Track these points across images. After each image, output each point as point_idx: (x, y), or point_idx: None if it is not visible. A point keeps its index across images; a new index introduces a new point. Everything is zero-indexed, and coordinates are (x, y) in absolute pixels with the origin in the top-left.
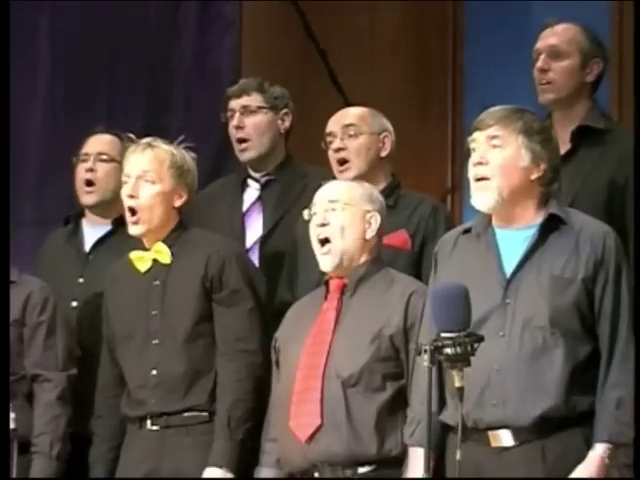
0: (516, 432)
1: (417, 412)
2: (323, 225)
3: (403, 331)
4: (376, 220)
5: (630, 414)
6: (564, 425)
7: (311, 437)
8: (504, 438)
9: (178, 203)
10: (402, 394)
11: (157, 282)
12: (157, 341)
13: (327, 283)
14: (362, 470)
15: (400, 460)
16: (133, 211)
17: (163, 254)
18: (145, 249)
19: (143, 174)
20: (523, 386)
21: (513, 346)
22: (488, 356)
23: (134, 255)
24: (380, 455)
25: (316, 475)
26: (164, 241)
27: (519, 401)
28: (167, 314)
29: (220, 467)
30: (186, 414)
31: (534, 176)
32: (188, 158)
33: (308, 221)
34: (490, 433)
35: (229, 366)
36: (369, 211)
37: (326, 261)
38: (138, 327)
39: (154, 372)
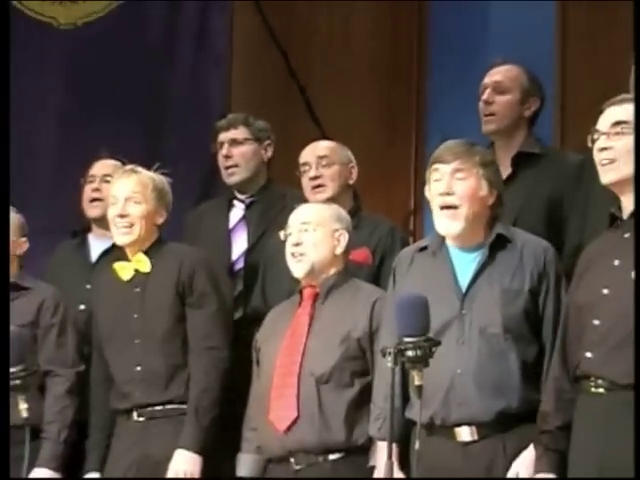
0: (479, 428)
1: (382, 409)
2: (298, 244)
3: (369, 334)
4: (344, 237)
5: None
6: (521, 420)
7: (288, 428)
8: (468, 433)
9: (160, 221)
10: (368, 390)
11: (138, 289)
12: (139, 341)
13: (301, 292)
14: (332, 457)
15: (366, 448)
16: (125, 229)
17: (143, 263)
18: (128, 260)
19: (130, 196)
20: (483, 386)
21: (472, 351)
22: (451, 361)
23: (118, 265)
24: (348, 444)
25: (292, 461)
26: (145, 252)
27: (480, 400)
28: (147, 317)
29: (188, 449)
30: (168, 406)
31: (490, 202)
32: (165, 182)
33: (283, 240)
34: (456, 429)
35: (198, 361)
36: (337, 230)
37: (298, 268)
38: (121, 329)
39: (138, 368)
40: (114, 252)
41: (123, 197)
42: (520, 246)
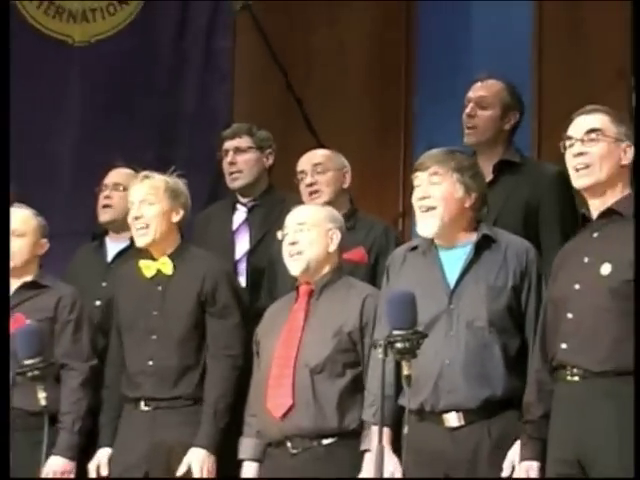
0: (465, 414)
1: (376, 396)
2: (294, 244)
3: (359, 328)
4: (337, 236)
5: None
6: (505, 407)
7: (285, 415)
8: (455, 419)
9: (176, 219)
10: (359, 379)
11: (160, 288)
12: (155, 337)
13: (297, 289)
14: (326, 441)
15: (358, 433)
16: (142, 229)
17: (166, 266)
18: (153, 259)
19: (144, 198)
20: (470, 376)
21: (460, 343)
22: (440, 352)
23: (142, 263)
24: (341, 429)
25: (289, 445)
26: (169, 255)
27: (467, 388)
28: (165, 316)
29: (204, 448)
30: (175, 402)
31: (467, 204)
32: (180, 183)
33: (281, 240)
34: (444, 415)
35: (217, 366)
36: (331, 229)
37: (295, 266)
38: (140, 322)
39: (150, 362)
40: (129, 252)
41: (138, 201)
42: (504, 246)
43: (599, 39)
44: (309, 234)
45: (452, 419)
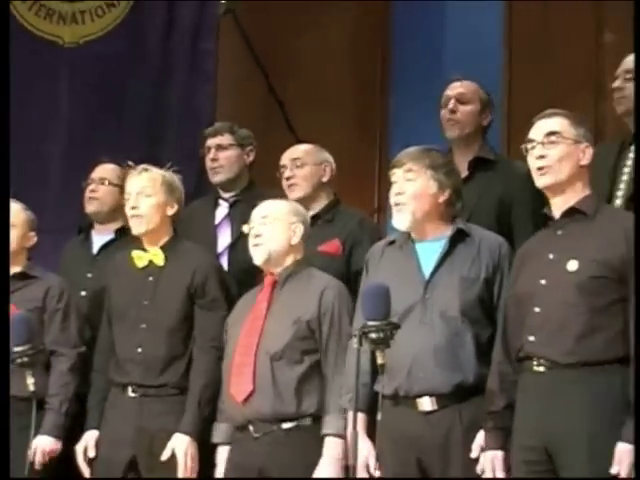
0: (438, 398)
1: (353, 384)
2: (257, 236)
3: (317, 317)
4: (300, 229)
5: None
6: (475, 392)
7: (246, 400)
8: (429, 403)
9: (170, 212)
10: (316, 366)
11: (151, 278)
12: (145, 326)
13: (264, 279)
14: (285, 426)
15: (317, 417)
16: (135, 219)
17: (158, 257)
18: (144, 250)
19: (141, 190)
20: (442, 363)
21: (433, 332)
22: (414, 340)
23: (135, 253)
24: (299, 413)
25: (251, 429)
26: (161, 247)
27: (440, 374)
28: (156, 306)
29: (187, 434)
30: (161, 390)
31: (441, 199)
32: (176, 178)
33: (247, 233)
34: (418, 400)
35: (203, 357)
36: (294, 222)
37: (257, 256)
38: (131, 311)
39: (139, 350)
40: (114, 244)
41: (135, 192)
42: (478, 240)
43: (567, 42)
44: (271, 227)
45: (425, 403)
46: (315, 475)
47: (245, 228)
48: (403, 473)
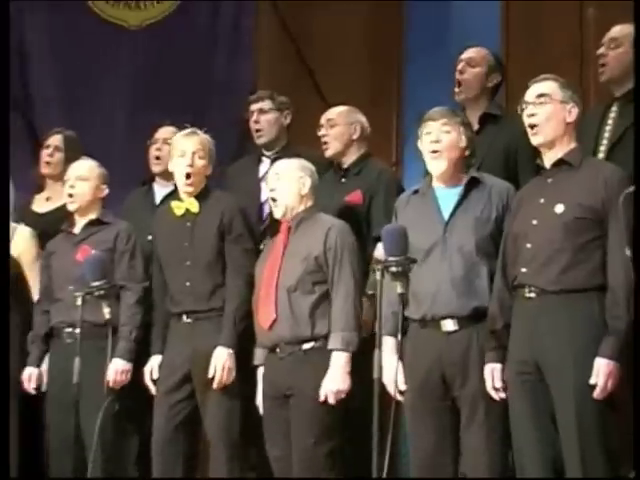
0: (459, 321)
1: (386, 313)
2: (272, 190)
3: (323, 252)
4: (307, 181)
5: None
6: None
7: (271, 326)
8: (451, 324)
9: (209, 172)
10: (326, 294)
11: (188, 224)
12: (189, 263)
13: (280, 226)
14: (304, 347)
15: (326, 337)
16: (188, 176)
17: (193, 205)
18: (181, 201)
19: (197, 151)
20: (462, 291)
21: (453, 265)
22: (437, 272)
23: (174, 204)
24: (314, 335)
25: (277, 350)
26: (196, 197)
27: (459, 300)
28: (195, 246)
29: (226, 346)
30: (210, 314)
31: (467, 152)
32: (212, 143)
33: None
34: (441, 322)
35: (234, 282)
36: (302, 177)
37: (276, 211)
38: (175, 253)
39: (188, 283)
40: (173, 195)
41: (190, 151)
42: (489, 186)
43: (554, 20)
44: (283, 182)
45: (448, 324)
46: (323, 383)
47: (265, 185)
48: (428, 384)
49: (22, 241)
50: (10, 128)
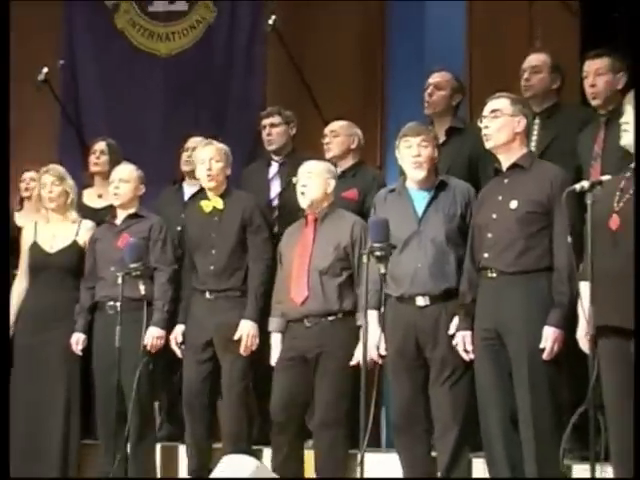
0: (431, 298)
1: (370, 289)
2: (304, 186)
3: (350, 243)
4: (332, 183)
5: None
6: (456, 294)
7: (303, 302)
8: (423, 301)
9: (228, 173)
10: (351, 277)
11: (215, 219)
12: (214, 251)
13: (306, 218)
14: (330, 318)
15: (352, 312)
16: (210, 177)
17: (219, 203)
18: (208, 199)
19: (213, 157)
20: (434, 274)
21: (427, 253)
22: (413, 259)
23: (203, 202)
24: (340, 310)
25: (305, 321)
26: (220, 196)
27: (432, 282)
28: (220, 237)
29: (251, 319)
30: (228, 292)
31: (436, 161)
32: (228, 150)
33: (295, 183)
34: (416, 298)
35: (256, 266)
36: (327, 178)
37: (303, 201)
38: (204, 242)
39: (212, 267)
40: (199, 194)
41: (208, 158)
42: (454, 187)
43: (508, 36)
44: (313, 180)
45: (421, 300)
46: (355, 352)
47: (294, 179)
48: (405, 347)
49: (87, 232)
50: (62, 138)
